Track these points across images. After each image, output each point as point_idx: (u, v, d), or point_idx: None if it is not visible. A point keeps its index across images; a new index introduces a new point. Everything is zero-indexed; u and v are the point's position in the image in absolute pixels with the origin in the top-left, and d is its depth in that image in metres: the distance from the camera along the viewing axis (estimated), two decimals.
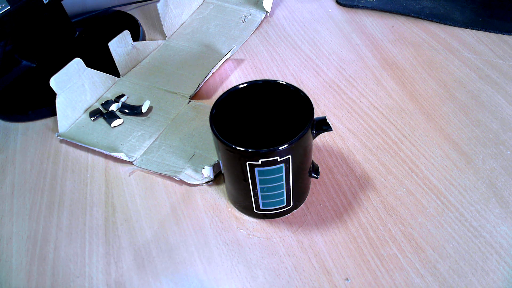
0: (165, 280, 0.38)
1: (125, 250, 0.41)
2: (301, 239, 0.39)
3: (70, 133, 0.51)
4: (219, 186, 0.44)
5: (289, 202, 0.39)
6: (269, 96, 0.40)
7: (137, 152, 0.48)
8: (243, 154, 0.34)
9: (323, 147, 0.46)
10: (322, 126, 0.37)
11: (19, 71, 0.61)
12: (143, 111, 0.52)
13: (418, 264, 0.36)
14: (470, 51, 0.54)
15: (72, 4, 0.67)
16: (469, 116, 0.47)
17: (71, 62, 0.51)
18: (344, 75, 0.54)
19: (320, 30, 0.61)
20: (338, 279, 0.36)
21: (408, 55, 0.55)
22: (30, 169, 0.49)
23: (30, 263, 0.41)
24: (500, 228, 0.37)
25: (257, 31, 0.63)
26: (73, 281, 0.39)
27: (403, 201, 0.41)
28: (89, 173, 0.48)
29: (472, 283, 0.35)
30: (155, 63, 0.59)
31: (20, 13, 0.52)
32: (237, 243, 0.40)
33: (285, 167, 0.35)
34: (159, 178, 0.46)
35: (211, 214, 0.42)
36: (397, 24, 0.60)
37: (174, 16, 0.63)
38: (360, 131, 0.47)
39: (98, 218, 0.43)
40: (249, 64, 0.58)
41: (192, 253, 0.40)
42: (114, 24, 0.67)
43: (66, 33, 0.63)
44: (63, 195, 0.46)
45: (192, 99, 0.53)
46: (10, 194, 0.47)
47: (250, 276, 0.37)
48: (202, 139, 0.48)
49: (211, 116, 0.37)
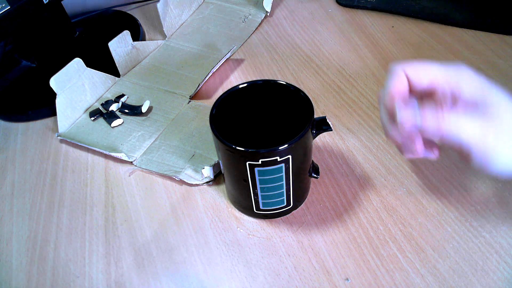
0: (165, 280, 0.38)
1: (125, 250, 0.41)
2: (301, 239, 0.39)
3: (70, 133, 0.51)
4: (219, 186, 0.44)
5: (289, 202, 0.39)
6: (269, 96, 0.40)
7: (137, 152, 0.48)
8: (243, 154, 0.34)
9: (323, 147, 0.46)
10: (322, 126, 0.37)
11: (19, 71, 0.61)
12: (143, 111, 0.52)
13: (418, 264, 0.36)
14: (470, 51, 0.54)
15: (72, 4, 0.67)
16: None
17: (71, 62, 0.51)
18: (344, 75, 0.54)
19: (320, 30, 0.61)
20: (338, 279, 0.36)
21: (408, 55, 0.55)
22: (30, 169, 0.49)
23: (30, 263, 0.41)
24: (500, 228, 0.37)
25: (257, 31, 0.63)
26: (73, 281, 0.39)
27: (403, 201, 0.41)
28: (89, 173, 0.48)
29: (472, 283, 0.35)
30: (155, 63, 0.59)
31: (20, 13, 0.52)
32: (237, 243, 0.40)
33: (285, 167, 0.35)
34: (159, 178, 0.46)
35: (211, 214, 0.42)
36: (397, 24, 0.60)
37: (174, 16, 0.63)
38: (360, 131, 0.47)
39: (98, 218, 0.43)
40: (249, 64, 0.58)
41: (192, 253, 0.40)
42: (114, 24, 0.67)
43: (66, 33, 0.63)
44: (63, 195, 0.46)
45: (192, 99, 0.53)
46: (10, 194, 0.47)
47: (250, 276, 0.37)
48: (202, 139, 0.48)
49: (211, 116, 0.37)
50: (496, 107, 0.30)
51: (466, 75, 0.31)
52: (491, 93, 0.30)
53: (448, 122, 0.30)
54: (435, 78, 0.31)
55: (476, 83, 0.31)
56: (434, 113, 0.30)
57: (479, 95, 0.30)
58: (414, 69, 0.31)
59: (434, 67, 0.31)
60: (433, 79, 0.31)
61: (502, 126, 0.30)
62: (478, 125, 0.30)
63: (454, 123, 0.30)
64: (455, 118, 0.30)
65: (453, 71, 0.31)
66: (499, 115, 0.30)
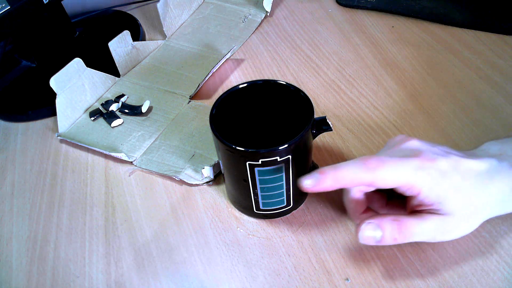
0: (165, 280, 0.38)
1: (125, 250, 0.41)
2: (301, 239, 0.39)
3: (70, 133, 0.51)
4: (219, 186, 0.44)
5: (289, 202, 0.39)
6: (269, 96, 0.40)
7: (137, 152, 0.48)
8: (243, 154, 0.34)
9: (323, 147, 0.46)
10: (322, 126, 0.37)
11: (19, 71, 0.61)
12: (143, 111, 0.52)
13: (418, 264, 0.36)
14: (470, 51, 0.54)
15: (72, 4, 0.67)
16: (469, 116, 0.47)
17: (71, 62, 0.51)
18: (344, 75, 0.54)
19: (320, 30, 0.61)
20: (338, 279, 0.36)
21: (408, 55, 0.55)
22: (30, 169, 0.49)
23: (30, 263, 0.41)
24: (500, 228, 0.37)
25: (257, 31, 0.63)
26: (73, 281, 0.39)
27: None
28: (89, 173, 0.48)
29: (472, 283, 0.34)
30: (155, 63, 0.59)
31: (20, 13, 0.52)
32: (237, 243, 0.40)
33: (285, 167, 0.35)
34: (159, 178, 0.46)
35: (211, 214, 0.42)
36: (397, 24, 0.60)
37: (174, 16, 0.63)
38: (360, 131, 0.47)
39: (98, 218, 0.43)
40: (249, 64, 0.58)
41: (192, 253, 0.40)
42: (114, 24, 0.67)
43: (66, 33, 0.63)
44: (63, 195, 0.46)
45: (192, 99, 0.53)
46: (10, 194, 0.47)
47: (250, 276, 0.37)
48: (202, 139, 0.48)
49: (211, 116, 0.37)
50: (450, 207, 0.33)
51: (428, 181, 0.32)
52: (447, 198, 0.32)
53: (404, 236, 0.33)
54: (398, 182, 0.33)
55: (436, 189, 0.32)
56: (391, 226, 0.33)
57: (435, 201, 0.33)
58: (378, 175, 0.32)
59: (400, 171, 0.32)
60: (396, 183, 0.33)
61: (453, 223, 0.33)
62: (433, 227, 0.33)
63: (410, 234, 0.33)
64: (411, 228, 0.33)
65: (418, 177, 0.32)
66: (451, 214, 0.33)
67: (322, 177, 0.32)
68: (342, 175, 0.32)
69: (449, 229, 0.34)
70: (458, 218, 0.33)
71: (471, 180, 0.33)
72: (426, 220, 0.33)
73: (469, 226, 0.34)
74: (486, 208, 0.34)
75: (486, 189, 0.33)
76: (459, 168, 0.33)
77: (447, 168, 0.32)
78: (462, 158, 0.33)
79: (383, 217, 0.33)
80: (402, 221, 0.33)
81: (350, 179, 0.32)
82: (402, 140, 0.35)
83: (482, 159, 0.33)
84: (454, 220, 0.33)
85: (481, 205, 0.33)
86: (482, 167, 0.33)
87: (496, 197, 0.33)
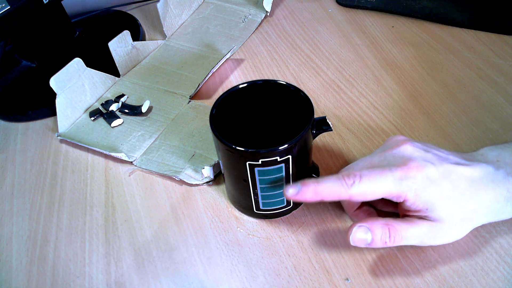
0: (165, 280, 0.38)
1: (125, 250, 0.41)
2: (301, 239, 0.39)
3: (70, 133, 0.51)
4: (219, 186, 0.44)
5: (289, 202, 0.39)
6: (269, 96, 0.40)
7: (137, 152, 0.48)
8: (243, 154, 0.34)
9: (323, 147, 0.46)
10: (322, 126, 0.37)
11: (19, 71, 0.61)
12: (143, 111, 0.52)
13: (418, 264, 0.36)
14: (470, 51, 0.54)
15: (72, 4, 0.67)
16: (469, 116, 0.47)
17: (71, 62, 0.51)
18: (344, 75, 0.54)
19: (320, 30, 0.61)
20: (338, 279, 0.36)
21: (408, 55, 0.55)
22: (30, 169, 0.49)
23: (30, 263, 0.41)
24: (500, 228, 0.37)
25: (257, 31, 0.63)
26: (73, 281, 0.39)
27: None
28: (89, 173, 0.48)
29: (472, 283, 0.35)
30: (155, 63, 0.59)
31: (20, 13, 0.52)
32: (237, 243, 0.40)
33: (285, 167, 0.35)
34: (159, 178, 0.46)
35: (211, 214, 0.42)
36: (397, 24, 0.60)
37: (174, 16, 0.63)
38: (360, 131, 0.47)
39: (98, 218, 0.43)
40: (249, 64, 0.58)
41: (192, 253, 0.40)
42: (114, 24, 0.67)
43: (66, 33, 0.63)
44: (63, 195, 0.46)
45: (192, 99, 0.53)
46: (10, 194, 0.47)
47: (250, 276, 0.37)
48: (202, 139, 0.48)
49: (211, 116, 0.37)
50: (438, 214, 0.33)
51: (413, 189, 0.33)
52: (435, 204, 0.33)
53: (393, 240, 0.34)
54: (378, 194, 0.33)
55: (423, 196, 0.33)
56: (382, 230, 0.33)
57: (422, 207, 0.33)
58: (354, 191, 0.33)
59: (380, 184, 0.33)
60: (376, 195, 0.34)
61: (442, 228, 0.34)
62: (422, 232, 0.34)
63: (400, 238, 0.34)
64: (401, 232, 0.34)
65: (403, 186, 0.33)
66: (440, 221, 0.33)
67: (304, 189, 0.33)
68: (321, 189, 0.33)
69: (438, 235, 0.34)
70: (447, 224, 0.33)
71: (461, 187, 0.33)
72: (416, 225, 0.34)
73: (459, 233, 0.35)
74: (478, 215, 0.34)
75: (478, 196, 0.33)
76: (449, 176, 0.33)
77: (436, 176, 0.33)
78: (454, 166, 0.33)
79: (374, 221, 0.34)
80: (392, 225, 0.34)
81: (328, 194, 0.33)
82: (398, 143, 0.36)
83: (477, 166, 0.34)
84: (444, 226, 0.33)
85: (472, 212, 0.34)
86: (475, 174, 0.33)
87: (489, 204, 0.33)
